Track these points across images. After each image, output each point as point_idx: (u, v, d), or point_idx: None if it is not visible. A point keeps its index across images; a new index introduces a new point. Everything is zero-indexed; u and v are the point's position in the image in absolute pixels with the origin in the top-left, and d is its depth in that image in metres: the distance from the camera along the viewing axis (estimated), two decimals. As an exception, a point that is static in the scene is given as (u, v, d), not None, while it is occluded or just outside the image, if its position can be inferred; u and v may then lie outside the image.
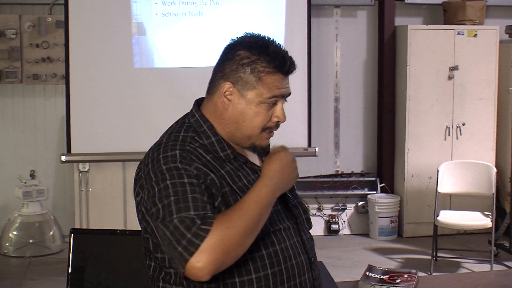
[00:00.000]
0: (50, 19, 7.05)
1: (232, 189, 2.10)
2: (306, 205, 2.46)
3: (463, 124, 7.44)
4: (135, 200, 2.22)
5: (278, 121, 2.19)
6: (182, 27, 6.34)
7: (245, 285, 2.07)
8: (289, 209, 2.24)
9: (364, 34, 7.85)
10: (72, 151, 6.23)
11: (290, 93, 2.21)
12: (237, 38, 2.23)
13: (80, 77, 6.24)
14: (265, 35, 2.20)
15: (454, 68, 7.35)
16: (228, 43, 2.24)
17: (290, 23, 6.49)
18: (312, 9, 6.88)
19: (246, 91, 2.14)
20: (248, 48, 2.16)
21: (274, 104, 2.17)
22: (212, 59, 7.16)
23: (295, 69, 2.19)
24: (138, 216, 2.23)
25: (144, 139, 6.19)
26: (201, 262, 1.91)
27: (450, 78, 7.40)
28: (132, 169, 7.25)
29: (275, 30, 6.41)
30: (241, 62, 2.14)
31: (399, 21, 7.76)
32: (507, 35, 7.55)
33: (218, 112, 2.19)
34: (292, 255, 2.14)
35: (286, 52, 2.19)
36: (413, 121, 7.41)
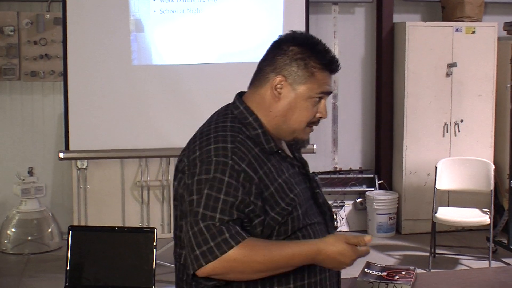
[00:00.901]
0: (48, 16, 7.05)
1: (277, 186, 2.15)
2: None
3: (461, 121, 7.45)
4: (174, 185, 2.24)
5: (320, 117, 2.27)
6: (180, 24, 6.33)
7: (282, 275, 2.13)
8: (319, 205, 2.31)
9: (362, 31, 7.84)
10: (70, 148, 6.22)
11: (332, 92, 2.33)
12: (286, 34, 2.29)
13: (78, 74, 6.23)
14: (312, 35, 2.32)
15: (452, 65, 7.35)
16: (276, 39, 2.30)
17: (288, 19, 6.48)
18: (310, 6, 6.86)
19: (297, 85, 2.21)
20: (301, 45, 2.23)
21: (319, 101, 2.25)
22: (210, 56, 7.15)
23: (339, 68, 2.28)
24: (174, 202, 2.25)
25: (142, 136, 6.23)
26: (210, 269, 2.01)
27: (448, 75, 7.40)
28: (130, 166, 7.30)
29: (273, 27, 6.41)
30: (295, 57, 2.21)
31: (397, 18, 7.76)
32: (506, 32, 7.55)
33: (265, 104, 2.24)
34: None
35: (333, 53, 2.28)
36: (411, 118, 7.41)
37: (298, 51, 2.22)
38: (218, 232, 2.00)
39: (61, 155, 6.22)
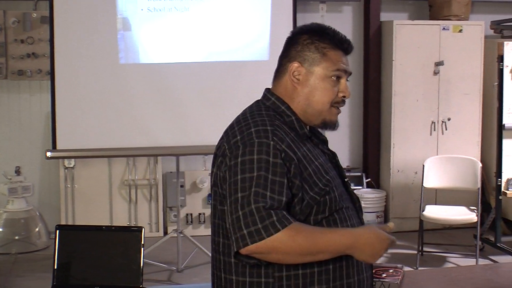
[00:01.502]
0: (35, 14, 7.02)
1: (314, 167, 2.23)
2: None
3: (449, 119, 7.47)
4: (212, 172, 2.30)
5: (344, 96, 2.38)
6: (168, 22, 6.32)
7: (322, 274, 2.21)
8: (349, 193, 2.40)
9: (349, 29, 7.86)
10: (58, 147, 6.20)
11: (351, 73, 2.41)
12: (296, 28, 2.44)
13: (65, 73, 6.20)
14: (320, 23, 2.44)
15: (439, 64, 7.37)
16: (289, 35, 2.42)
17: (275, 18, 6.48)
18: (297, 4, 6.86)
19: (313, 67, 2.32)
20: (309, 31, 2.37)
21: (338, 80, 2.35)
22: (198, 55, 7.12)
23: (353, 48, 2.40)
24: (213, 188, 2.30)
25: (129, 135, 6.21)
26: (254, 248, 2.07)
27: (435, 73, 7.42)
28: (117, 165, 7.29)
29: (260, 26, 6.41)
30: (305, 43, 2.34)
31: (384, 16, 7.78)
32: (492, 30, 7.58)
33: (288, 92, 2.35)
34: None
35: (343, 34, 2.41)
36: (398, 116, 7.43)
37: (307, 37, 2.35)
38: (267, 215, 2.06)
39: (49, 154, 6.20)
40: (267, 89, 2.42)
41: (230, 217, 2.11)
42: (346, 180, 2.42)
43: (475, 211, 6.38)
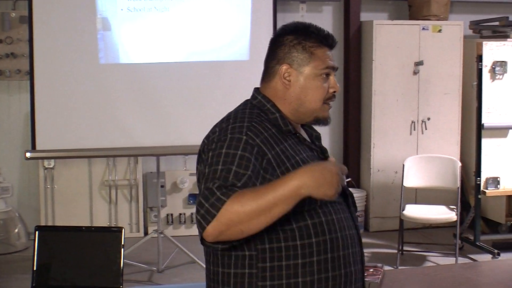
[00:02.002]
0: (13, 14, 6.98)
1: (294, 163, 2.24)
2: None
3: (428, 119, 7.50)
4: (197, 169, 2.32)
5: (334, 91, 2.40)
6: (148, 22, 6.31)
7: (306, 248, 2.21)
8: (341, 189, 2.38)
9: (330, 29, 7.73)
10: (37, 148, 6.17)
11: (338, 68, 2.45)
12: (278, 29, 2.45)
13: (45, 73, 6.17)
14: (301, 21, 2.45)
15: (419, 63, 7.41)
16: (272, 37, 2.44)
17: (255, 18, 6.48)
18: (278, 4, 6.86)
19: (302, 68, 2.35)
20: (294, 32, 2.39)
21: (327, 77, 2.38)
22: (178, 55, 7.11)
23: (336, 42, 2.44)
24: (197, 184, 2.32)
25: (109, 135, 6.19)
26: (211, 229, 2.06)
27: (415, 73, 7.45)
28: (98, 165, 7.27)
29: (240, 26, 6.40)
30: (292, 44, 2.36)
31: (364, 16, 7.80)
32: (471, 30, 7.62)
33: (279, 94, 2.38)
34: (346, 227, 2.31)
35: (326, 30, 2.44)
36: (378, 116, 7.45)
37: (293, 37, 2.36)
38: (210, 194, 2.07)
39: (28, 154, 6.16)
40: (256, 89, 2.44)
41: (197, 213, 2.13)
42: None
43: (455, 210, 6.42)
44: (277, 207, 2.07)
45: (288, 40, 2.36)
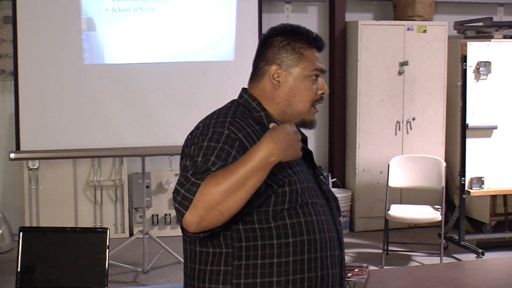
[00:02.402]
0: (-3, 14, 6.95)
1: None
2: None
3: (413, 119, 7.52)
4: (180, 164, 2.32)
5: (322, 93, 2.41)
6: (133, 22, 6.29)
7: (282, 248, 2.20)
8: (322, 191, 2.39)
9: (315, 29, 7.72)
10: (21, 148, 6.14)
11: (326, 70, 2.46)
12: (267, 30, 2.44)
13: (29, 74, 6.15)
14: (290, 23, 2.47)
15: (404, 64, 7.43)
16: (261, 38, 2.45)
17: (241, 18, 6.48)
18: (263, 5, 6.87)
19: (292, 69, 2.35)
20: (283, 33, 2.39)
21: (316, 79, 2.38)
22: (163, 55, 7.09)
23: (325, 45, 2.46)
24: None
25: (94, 136, 6.17)
26: (190, 216, 2.06)
27: (400, 73, 7.47)
28: (82, 166, 7.24)
29: (226, 26, 6.40)
30: (281, 45, 2.37)
31: (349, 16, 7.81)
32: (456, 31, 7.65)
33: (267, 95, 2.37)
34: (326, 229, 2.29)
35: (315, 32, 2.44)
36: (364, 116, 7.47)
37: (282, 39, 2.37)
38: (185, 180, 2.08)
39: (12, 155, 6.14)
40: (243, 89, 2.44)
41: (174, 201, 2.14)
42: (320, 177, 2.42)
43: (439, 210, 6.44)
44: (251, 180, 2.07)
45: (277, 41, 2.37)
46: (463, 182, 6.61)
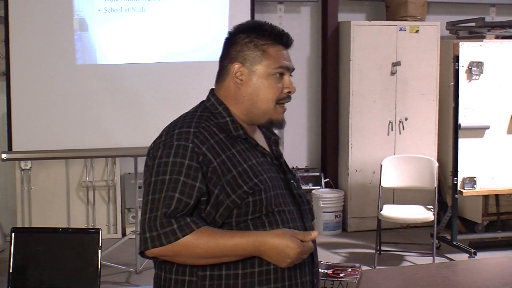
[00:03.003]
0: (-11, 14, 6.92)
1: (241, 170, 2.20)
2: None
3: (406, 119, 7.53)
4: (144, 171, 2.30)
5: (289, 92, 2.35)
6: (125, 23, 6.28)
7: (247, 277, 2.18)
8: (293, 196, 2.35)
9: (307, 30, 7.88)
10: (14, 149, 6.13)
11: (294, 68, 2.37)
12: (233, 28, 2.39)
13: (21, 74, 6.13)
14: (257, 20, 2.44)
15: (396, 64, 7.43)
16: (227, 36, 2.40)
17: (233, 18, 6.47)
18: (255, 5, 6.88)
19: (254, 66, 2.30)
20: (246, 30, 2.35)
21: (282, 77, 2.32)
22: (155, 55, 7.06)
23: (293, 41, 2.37)
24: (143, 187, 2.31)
25: (87, 136, 6.16)
26: (156, 253, 2.12)
27: (392, 73, 7.48)
28: (75, 166, 7.23)
29: (218, 26, 6.40)
30: (244, 42, 2.32)
31: (342, 17, 7.82)
32: (448, 31, 7.66)
33: (231, 94, 2.33)
34: None
35: (281, 28, 2.36)
36: (356, 116, 7.47)
37: (246, 36, 2.33)
38: (167, 223, 2.08)
39: (4, 156, 6.12)
40: (211, 90, 2.42)
41: (141, 217, 2.15)
42: (291, 182, 2.38)
43: (432, 210, 6.45)
44: (226, 258, 2.13)
45: (240, 39, 2.32)
46: (455, 182, 6.62)
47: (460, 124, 6.56)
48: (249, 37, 2.31)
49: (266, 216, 2.20)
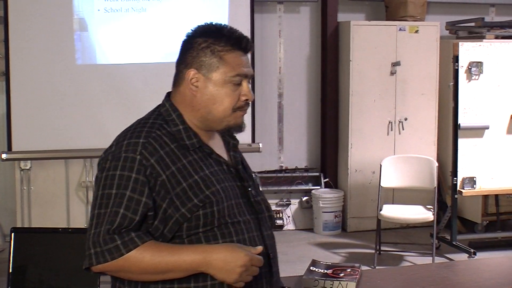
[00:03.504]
0: (-11, 14, 6.92)
1: (192, 182, 2.13)
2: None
3: (405, 119, 7.53)
4: (95, 183, 2.25)
5: (247, 99, 2.25)
6: (125, 23, 6.29)
7: (199, 274, 2.11)
8: (251, 204, 2.27)
9: (307, 30, 7.88)
10: (13, 149, 6.13)
11: (253, 74, 2.28)
12: (191, 30, 2.30)
13: (21, 74, 6.14)
14: (217, 22, 2.29)
15: (396, 64, 7.43)
16: (184, 38, 2.31)
17: (233, 18, 6.48)
18: (255, 5, 6.88)
19: (211, 73, 2.20)
20: (204, 34, 2.25)
21: (239, 84, 2.23)
22: (155, 55, 7.09)
23: (252, 46, 2.29)
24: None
25: (86, 136, 6.17)
26: (101, 268, 2.07)
27: (392, 73, 7.48)
28: (74, 166, 7.21)
29: (218, 26, 6.40)
30: (200, 47, 2.22)
31: (341, 17, 7.82)
32: (448, 31, 7.66)
33: (187, 101, 2.25)
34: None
35: (241, 32, 2.27)
36: (356, 116, 7.47)
37: (203, 40, 2.23)
38: (110, 239, 2.03)
39: (4, 156, 6.13)
40: (167, 94, 2.35)
41: (87, 232, 2.09)
42: (249, 190, 2.30)
43: (432, 210, 6.44)
44: (172, 273, 2.07)
45: (197, 43, 2.23)
46: (455, 182, 6.62)
47: (459, 124, 6.56)
48: (206, 42, 2.22)
49: (219, 228, 2.14)
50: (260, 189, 2.39)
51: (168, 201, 2.09)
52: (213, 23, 2.28)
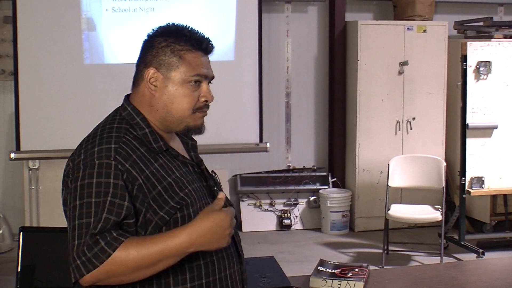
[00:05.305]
0: (-3, 14, 6.94)
1: (166, 185, 2.10)
2: (258, 200, 2.44)
3: (413, 119, 7.52)
4: (62, 191, 2.20)
5: (206, 101, 2.23)
6: (133, 22, 6.30)
7: (178, 275, 2.10)
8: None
9: (315, 29, 7.88)
10: (22, 148, 6.15)
11: (213, 76, 2.27)
12: (152, 30, 2.28)
13: (29, 74, 6.16)
14: (179, 23, 2.27)
15: (404, 63, 7.42)
16: (144, 38, 2.29)
17: (241, 18, 6.49)
18: (263, 5, 6.88)
19: (170, 72, 2.18)
20: (164, 34, 2.23)
21: (199, 85, 2.21)
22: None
23: (213, 47, 2.28)
24: (63, 207, 2.21)
25: (94, 136, 6.18)
26: (91, 277, 1.98)
27: (400, 73, 7.47)
28: (83, 166, 7.22)
29: (226, 26, 6.41)
30: (160, 46, 2.20)
31: (349, 16, 7.81)
32: (456, 30, 7.65)
33: (146, 100, 2.22)
34: (223, 248, 2.13)
35: (203, 33, 2.27)
36: (364, 116, 7.47)
37: (162, 40, 2.21)
38: (94, 243, 1.96)
39: (12, 155, 6.14)
40: (126, 96, 2.31)
41: (69, 244, 2.02)
42: (214, 189, 2.29)
43: (440, 209, 6.43)
44: (162, 263, 2.02)
45: (157, 42, 2.21)
46: (463, 182, 6.60)
47: (468, 123, 6.55)
48: (166, 41, 2.20)
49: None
50: (221, 186, 2.37)
51: (146, 205, 2.06)
52: (175, 23, 2.27)
